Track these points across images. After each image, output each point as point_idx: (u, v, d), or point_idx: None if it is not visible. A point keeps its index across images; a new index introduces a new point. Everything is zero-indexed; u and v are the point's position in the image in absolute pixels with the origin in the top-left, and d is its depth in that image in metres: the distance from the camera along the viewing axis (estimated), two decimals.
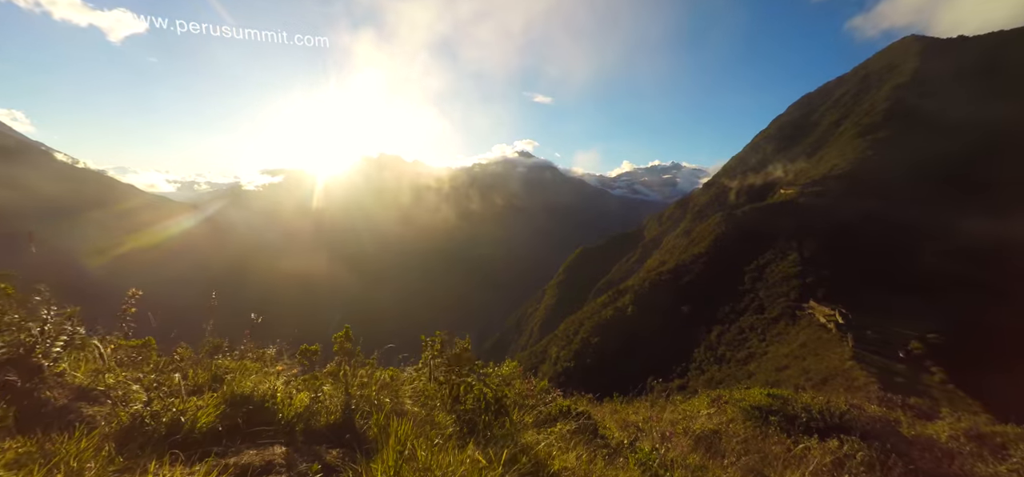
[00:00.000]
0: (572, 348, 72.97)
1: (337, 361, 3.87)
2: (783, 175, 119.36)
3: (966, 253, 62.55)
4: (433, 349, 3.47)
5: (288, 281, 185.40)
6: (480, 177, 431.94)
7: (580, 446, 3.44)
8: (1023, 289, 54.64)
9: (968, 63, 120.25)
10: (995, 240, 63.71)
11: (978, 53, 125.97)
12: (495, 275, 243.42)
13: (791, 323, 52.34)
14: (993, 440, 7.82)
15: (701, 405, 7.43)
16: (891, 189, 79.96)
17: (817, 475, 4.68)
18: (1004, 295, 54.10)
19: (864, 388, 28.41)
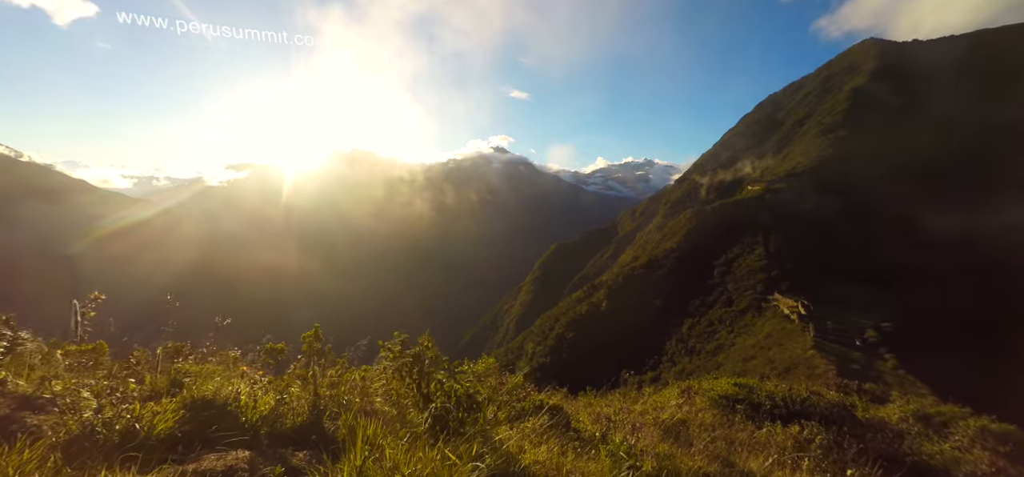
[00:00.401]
0: (548, 343, 73.60)
1: (305, 361, 3.78)
2: (751, 171, 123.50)
3: (918, 245, 66.43)
4: (393, 352, 3.43)
5: (256, 280, 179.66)
6: (455, 173, 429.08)
7: (553, 440, 3.48)
8: (970, 279, 58.52)
9: (922, 65, 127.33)
10: (945, 233, 67.90)
11: (932, 56, 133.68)
12: (471, 272, 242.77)
13: (757, 315, 54.30)
14: (937, 420, 8.36)
15: (671, 396, 7.63)
16: (850, 185, 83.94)
17: (779, 459, 4.88)
18: (952, 284, 57.81)
19: (823, 375, 29.79)
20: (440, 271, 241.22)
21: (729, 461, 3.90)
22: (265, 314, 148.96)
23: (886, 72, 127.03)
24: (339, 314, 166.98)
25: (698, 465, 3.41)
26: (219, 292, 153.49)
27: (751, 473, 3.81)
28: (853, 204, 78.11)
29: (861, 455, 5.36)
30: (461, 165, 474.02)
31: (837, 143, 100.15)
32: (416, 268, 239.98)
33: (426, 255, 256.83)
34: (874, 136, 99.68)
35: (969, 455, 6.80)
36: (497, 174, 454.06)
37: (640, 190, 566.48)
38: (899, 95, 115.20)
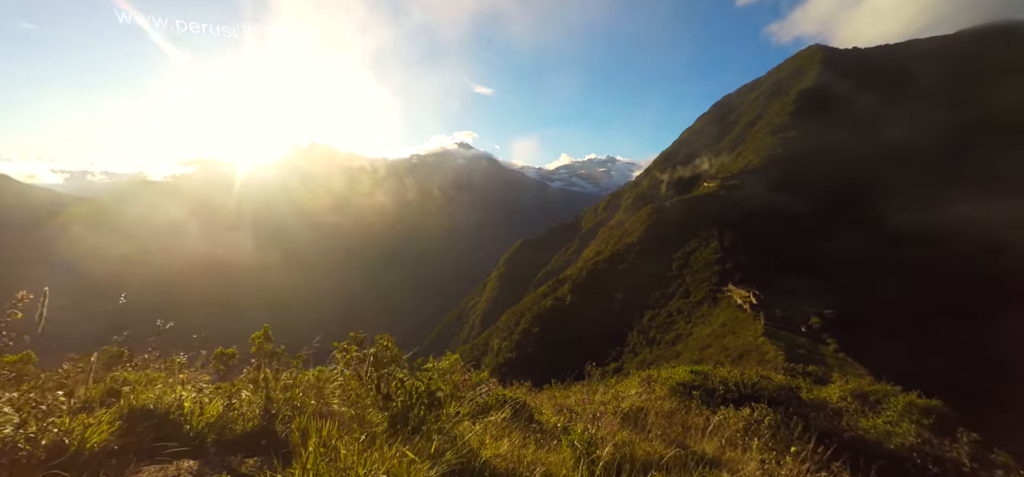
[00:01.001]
0: (513, 339, 73.99)
1: (256, 364, 3.60)
2: (708, 168, 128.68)
3: (857, 238, 71.54)
4: (350, 352, 3.33)
5: (207, 281, 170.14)
6: (418, 168, 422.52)
7: (515, 433, 3.49)
8: (903, 269, 63.63)
9: (861, 70, 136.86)
10: (881, 228, 73.42)
11: (869, 62, 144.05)
12: (436, 268, 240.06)
13: (713, 305, 56.81)
14: (872, 398, 9.05)
15: (632, 385, 7.86)
16: (797, 182, 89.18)
17: (731, 440, 5.13)
18: (887, 273, 62.71)
19: (773, 360, 31.59)
20: (404, 268, 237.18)
21: (685, 445, 4.06)
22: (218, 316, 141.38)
23: (829, 77, 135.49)
24: (298, 314, 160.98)
25: (655, 450, 3.52)
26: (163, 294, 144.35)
27: (705, 455, 3.98)
28: (799, 200, 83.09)
29: (805, 433, 5.72)
30: (425, 160, 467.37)
31: (785, 143, 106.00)
32: (380, 265, 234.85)
33: (390, 252, 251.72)
34: (819, 136, 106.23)
35: (898, 428, 7.41)
36: (462, 170, 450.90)
37: (603, 186, 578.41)
38: (841, 98, 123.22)
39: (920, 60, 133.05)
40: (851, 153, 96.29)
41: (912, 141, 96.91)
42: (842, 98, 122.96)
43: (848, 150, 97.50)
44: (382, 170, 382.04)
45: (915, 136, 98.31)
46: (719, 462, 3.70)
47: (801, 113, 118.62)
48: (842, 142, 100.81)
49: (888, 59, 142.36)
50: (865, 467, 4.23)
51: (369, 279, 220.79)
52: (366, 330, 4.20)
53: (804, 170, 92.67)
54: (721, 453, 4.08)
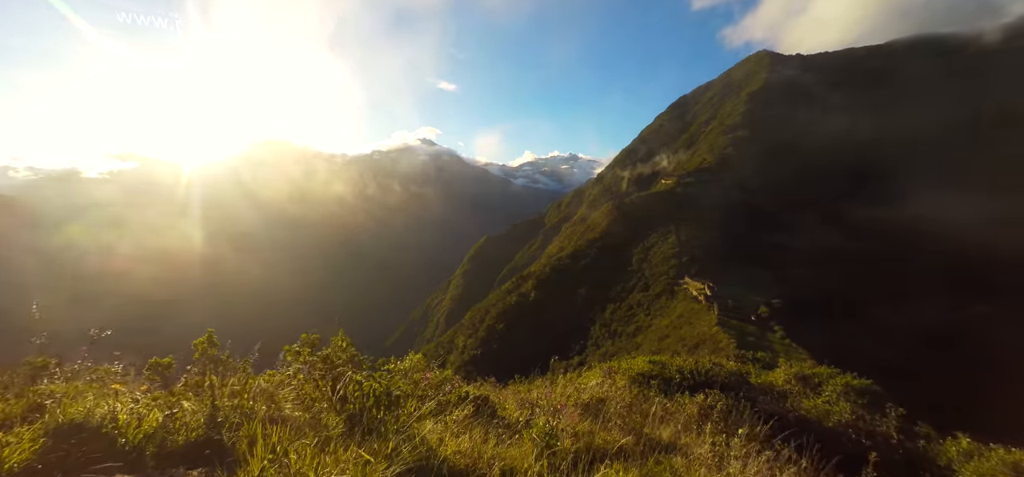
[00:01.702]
0: (479, 336, 73.88)
1: (200, 370, 3.40)
2: (667, 165, 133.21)
3: (801, 232, 76.30)
4: (304, 354, 3.21)
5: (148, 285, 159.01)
6: (380, 165, 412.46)
7: (477, 429, 3.49)
8: (839, 261, 68.42)
9: (803, 74, 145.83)
10: (823, 223, 78.58)
11: (812, 67, 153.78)
12: (399, 267, 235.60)
13: (671, 298, 58.99)
14: (814, 380, 9.70)
15: (594, 377, 8.03)
16: (747, 180, 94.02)
17: (686, 425, 5.35)
18: (827, 263, 67.27)
19: (725, 348, 33.21)
20: (366, 267, 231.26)
21: (642, 432, 4.19)
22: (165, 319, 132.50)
23: (775, 80, 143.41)
24: (253, 316, 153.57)
25: (614, 439, 3.62)
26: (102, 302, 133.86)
27: (662, 441, 4.13)
28: (749, 196, 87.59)
29: (753, 415, 6.04)
30: (387, 156, 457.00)
31: (736, 142, 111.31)
32: (340, 264, 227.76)
33: (350, 251, 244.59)
34: (766, 135, 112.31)
35: (836, 407, 7.98)
36: (424, 166, 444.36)
37: (566, 183, 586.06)
38: (786, 101, 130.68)
39: (855, 65, 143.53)
40: (795, 153, 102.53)
41: (848, 141, 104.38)
42: (786, 100, 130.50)
43: (792, 150, 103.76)
44: (342, 166, 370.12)
45: (851, 137, 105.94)
46: (674, 446, 3.85)
47: (750, 114, 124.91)
48: (787, 142, 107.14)
49: (827, 64, 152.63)
50: (806, 444, 4.54)
51: (328, 279, 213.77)
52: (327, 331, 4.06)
53: (753, 168, 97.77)
54: (677, 438, 4.24)
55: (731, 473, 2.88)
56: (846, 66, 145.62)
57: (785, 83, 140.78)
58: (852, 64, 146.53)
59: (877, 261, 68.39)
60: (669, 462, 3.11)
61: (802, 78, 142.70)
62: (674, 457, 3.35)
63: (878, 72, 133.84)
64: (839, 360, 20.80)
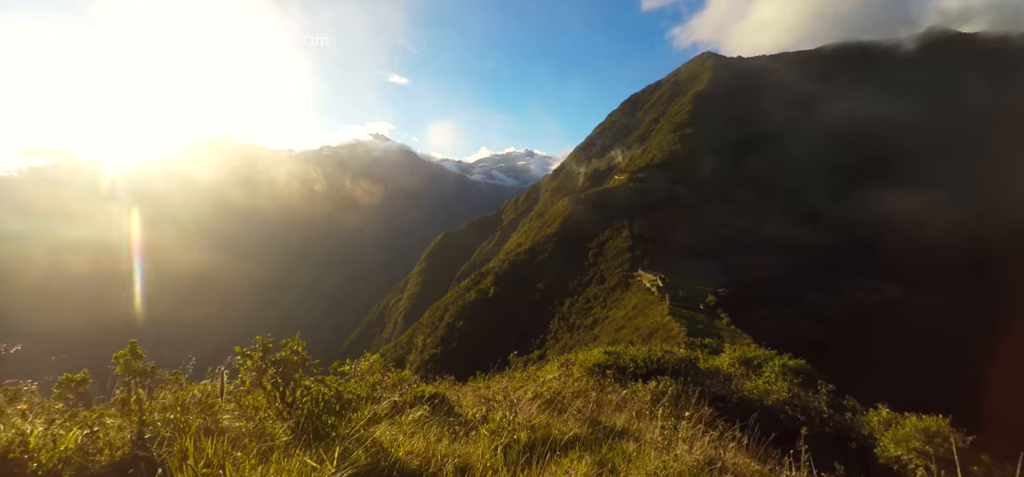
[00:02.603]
0: (438, 334, 73.07)
1: (126, 384, 3.11)
2: (622, 160, 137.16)
3: (744, 224, 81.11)
4: (254, 358, 3.03)
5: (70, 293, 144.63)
6: (330, 160, 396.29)
7: (433, 428, 3.43)
8: (780, 248, 73.39)
9: (742, 77, 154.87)
10: (765, 215, 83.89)
11: (750, 69, 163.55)
12: (353, 266, 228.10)
13: (626, 290, 60.96)
14: (755, 362, 10.35)
15: (551, 370, 8.15)
16: (694, 175, 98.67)
17: (640, 412, 5.53)
18: (767, 253, 71.98)
19: (676, 336, 34.78)
20: (318, 268, 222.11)
21: (598, 421, 4.29)
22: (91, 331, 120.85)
23: (718, 82, 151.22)
24: (197, 325, 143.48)
25: (571, 429, 3.69)
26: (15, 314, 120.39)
27: (616, 428, 4.25)
28: (696, 191, 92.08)
29: (701, 398, 6.36)
30: (336, 152, 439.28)
31: (684, 139, 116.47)
32: (289, 267, 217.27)
33: (300, 252, 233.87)
34: (711, 135, 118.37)
35: (775, 387, 8.57)
36: (377, 162, 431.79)
37: (522, 179, 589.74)
38: (728, 102, 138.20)
39: (789, 69, 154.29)
40: (737, 150, 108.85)
41: (784, 141, 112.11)
42: (728, 101, 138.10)
43: (734, 147, 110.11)
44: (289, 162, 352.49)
45: (786, 137, 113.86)
46: (627, 432, 3.97)
47: (696, 113, 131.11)
48: (729, 140, 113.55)
49: (764, 67, 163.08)
50: (748, 422, 4.84)
51: (276, 283, 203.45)
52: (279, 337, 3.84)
53: (699, 165, 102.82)
54: (630, 424, 4.38)
55: (678, 454, 3.01)
56: (780, 69, 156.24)
57: (726, 84, 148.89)
58: (786, 67, 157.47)
59: (811, 249, 74.08)
60: (622, 447, 3.20)
61: (741, 79, 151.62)
62: (627, 442, 3.45)
63: (808, 75, 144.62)
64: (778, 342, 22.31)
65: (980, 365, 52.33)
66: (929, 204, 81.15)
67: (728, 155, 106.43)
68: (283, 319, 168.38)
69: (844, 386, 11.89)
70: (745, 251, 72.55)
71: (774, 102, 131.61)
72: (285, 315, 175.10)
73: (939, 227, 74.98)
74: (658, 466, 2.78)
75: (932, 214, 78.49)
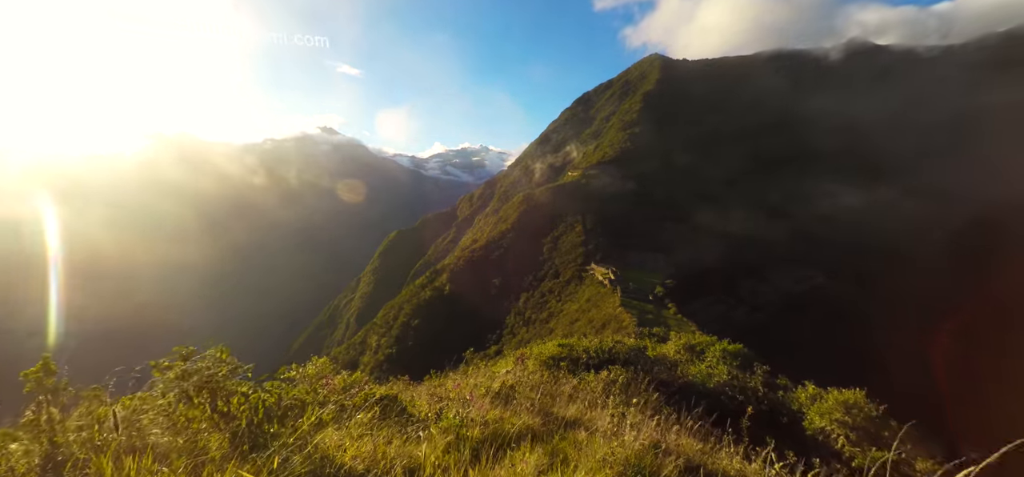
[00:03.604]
0: (393, 334, 71.48)
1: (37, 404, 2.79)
2: (577, 156, 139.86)
3: (689, 218, 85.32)
4: (175, 369, 2.82)
5: None
6: (274, 154, 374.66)
7: (384, 430, 3.35)
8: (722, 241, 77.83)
9: (688, 79, 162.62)
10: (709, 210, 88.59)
11: (694, 71, 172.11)
12: (300, 266, 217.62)
13: (579, 283, 62.47)
14: (698, 348, 10.96)
15: (506, 364, 8.21)
16: (643, 172, 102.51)
17: (592, 402, 5.70)
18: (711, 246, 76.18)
19: (627, 327, 36.12)
20: (261, 269, 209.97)
21: (551, 412, 4.37)
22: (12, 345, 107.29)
23: (665, 82, 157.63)
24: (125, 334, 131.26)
25: (524, 422, 3.73)
26: None
27: (569, 418, 4.35)
28: (645, 187, 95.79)
29: (649, 385, 6.65)
30: (281, 146, 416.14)
31: (633, 138, 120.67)
32: (232, 268, 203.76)
33: (243, 252, 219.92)
34: (659, 133, 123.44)
35: (716, 370, 9.12)
36: (326, 156, 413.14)
37: (477, 175, 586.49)
38: (673, 102, 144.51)
39: (727, 73, 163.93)
40: (683, 148, 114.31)
41: (723, 139, 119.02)
42: (673, 101, 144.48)
43: (681, 145, 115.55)
44: (227, 156, 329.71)
45: (725, 136, 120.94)
46: (579, 422, 4.08)
47: (645, 112, 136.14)
48: (676, 137, 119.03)
49: (707, 70, 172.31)
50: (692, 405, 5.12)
51: (216, 286, 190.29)
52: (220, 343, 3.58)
53: (647, 162, 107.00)
54: (582, 414, 4.50)
55: (625, 440, 3.13)
56: (722, 72, 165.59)
57: (673, 85, 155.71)
58: (727, 70, 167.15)
59: (751, 241, 79.28)
60: (573, 436, 3.29)
61: (686, 80, 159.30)
62: (578, 432, 3.55)
63: (744, 79, 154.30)
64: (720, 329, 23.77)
65: (891, 342, 58.42)
66: (855, 199, 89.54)
67: (675, 152, 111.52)
68: (224, 324, 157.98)
69: (777, 366, 12.86)
70: (690, 244, 76.48)
71: (715, 102, 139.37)
72: (226, 320, 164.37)
73: (863, 221, 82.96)
74: (607, 452, 2.88)
75: (857, 209, 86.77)
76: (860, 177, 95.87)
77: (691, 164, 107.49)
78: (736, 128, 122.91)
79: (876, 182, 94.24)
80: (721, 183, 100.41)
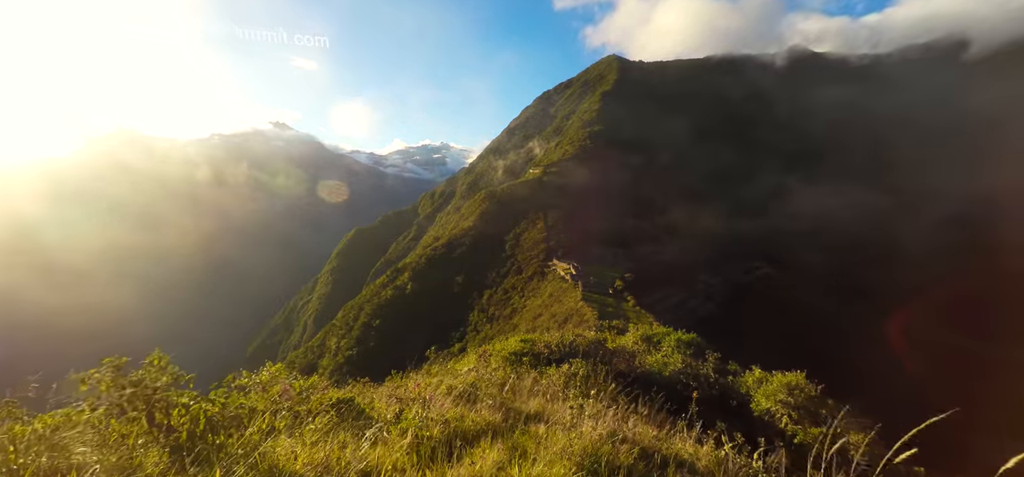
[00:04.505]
0: (353, 335, 69.51)
1: None
2: (539, 153, 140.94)
3: (646, 214, 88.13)
4: (104, 382, 2.61)
5: None
6: (220, 150, 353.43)
7: (341, 434, 3.26)
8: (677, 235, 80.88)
9: (644, 80, 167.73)
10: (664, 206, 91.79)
11: (650, 72, 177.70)
12: (253, 267, 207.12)
13: (542, 279, 63.15)
14: (655, 339, 11.37)
15: (469, 362, 8.19)
16: (603, 170, 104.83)
17: (553, 395, 5.78)
18: (666, 240, 79.02)
19: (588, 320, 36.94)
20: (211, 271, 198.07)
21: (512, 408, 4.40)
22: None
23: (622, 83, 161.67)
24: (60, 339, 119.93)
25: (485, 418, 3.74)
26: None
27: (530, 412, 4.40)
28: (604, 183, 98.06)
29: (608, 376, 6.83)
30: (230, 141, 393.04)
31: (593, 136, 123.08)
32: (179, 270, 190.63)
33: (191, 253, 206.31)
34: (618, 131, 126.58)
35: (671, 359, 9.49)
36: (279, 152, 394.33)
37: (438, 173, 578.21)
38: (629, 101, 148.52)
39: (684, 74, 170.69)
40: (639, 147, 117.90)
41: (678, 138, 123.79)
42: (630, 101, 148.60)
43: (637, 144, 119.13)
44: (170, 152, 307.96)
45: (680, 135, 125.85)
46: (540, 416, 4.13)
47: (603, 112, 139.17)
48: (633, 137, 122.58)
49: (662, 71, 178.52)
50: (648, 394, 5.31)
51: (161, 290, 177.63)
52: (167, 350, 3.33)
53: (606, 160, 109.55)
54: (543, 408, 4.56)
55: (584, 431, 3.21)
56: (675, 74, 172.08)
57: (630, 85, 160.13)
58: (680, 72, 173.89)
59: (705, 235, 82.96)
60: (533, 430, 3.33)
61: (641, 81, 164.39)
62: (539, 425, 3.60)
63: (697, 81, 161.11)
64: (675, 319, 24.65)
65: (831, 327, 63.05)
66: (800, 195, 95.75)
67: (633, 151, 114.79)
68: (170, 330, 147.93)
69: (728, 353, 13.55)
70: (647, 239, 79.10)
71: (671, 103, 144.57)
72: (173, 325, 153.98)
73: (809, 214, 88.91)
74: (565, 444, 2.94)
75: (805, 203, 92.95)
76: (808, 174, 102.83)
77: (647, 162, 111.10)
78: (690, 128, 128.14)
79: (822, 179, 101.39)
80: (676, 180, 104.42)
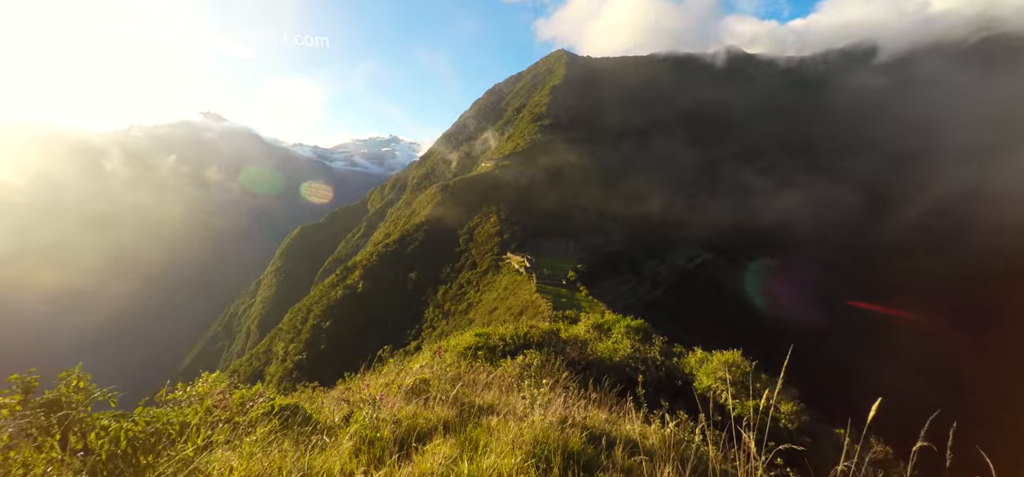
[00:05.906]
0: (302, 339, 66.41)
1: None
2: (491, 147, 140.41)
3: (596, 204, 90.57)
4: (12, 403, 2.34)
5: None
6: (141, 142, 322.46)
7: (285, 443, 3.11)
8: (625, 226, 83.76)
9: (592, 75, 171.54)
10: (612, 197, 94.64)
11: (597, 68, 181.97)
12: (186, 270, 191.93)
13: (496, 273, 63.31)
14: (605, 326, 11.76)
15: (423, 358, 8.08)
16: (553, 162, 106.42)
17: (508, 387, 5.84)
18: (615, 230, 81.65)
19: (543, 311, 37.55)
20: (138, 275, 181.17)
21: (467, 402, 4.40)
22: None
23: (571, 77, 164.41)
24: None
25: (438, 415, 3.71)
26: None
27: (484, 405, 4.42)
28: (555, 176, 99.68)
29: (561, 364, 6.99)
30: (153, 133, 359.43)
31: (543, 129, 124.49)
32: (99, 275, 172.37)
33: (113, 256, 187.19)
34: (566, 126, 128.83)
35: (620, 345, 9.87)
36: (210, 145, 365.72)
37: (387, 167, 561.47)
38: (578, 96, 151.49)
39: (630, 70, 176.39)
40: (587, 140, 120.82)
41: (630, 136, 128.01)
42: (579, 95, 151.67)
43: (586, 137, 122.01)
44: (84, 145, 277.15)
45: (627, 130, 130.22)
46: (494, 408, 4.16)
47: (553, 105, 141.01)
48: (581, 130, 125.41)
49: (609, 67, 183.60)
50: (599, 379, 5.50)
51: (78, 297, 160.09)
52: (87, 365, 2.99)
53: (556, 153, 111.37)
54: (497, 400, 4.60)
55: (535, 420, 3.27)
56: (622, 70, 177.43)
57: (578, 80, 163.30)
58: (626, 68, 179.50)
59: (652, 225, 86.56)
60: (487, 423, 3.35)
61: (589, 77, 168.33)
62: (492, 418, 3.62)
63: (642, 77, 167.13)
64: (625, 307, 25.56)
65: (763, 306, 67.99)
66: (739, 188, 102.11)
67: (582, 144, 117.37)
68: (90, 341, 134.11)
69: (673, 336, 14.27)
70: (597, 230, 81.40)
71: (618, 97, 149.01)
72: (92, 336, 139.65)
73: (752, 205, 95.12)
74: (516, 434, 2.98)
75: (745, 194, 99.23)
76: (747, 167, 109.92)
77: (597, 154, 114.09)
78: (637, 122, 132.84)
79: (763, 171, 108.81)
80: (624, 173, 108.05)
